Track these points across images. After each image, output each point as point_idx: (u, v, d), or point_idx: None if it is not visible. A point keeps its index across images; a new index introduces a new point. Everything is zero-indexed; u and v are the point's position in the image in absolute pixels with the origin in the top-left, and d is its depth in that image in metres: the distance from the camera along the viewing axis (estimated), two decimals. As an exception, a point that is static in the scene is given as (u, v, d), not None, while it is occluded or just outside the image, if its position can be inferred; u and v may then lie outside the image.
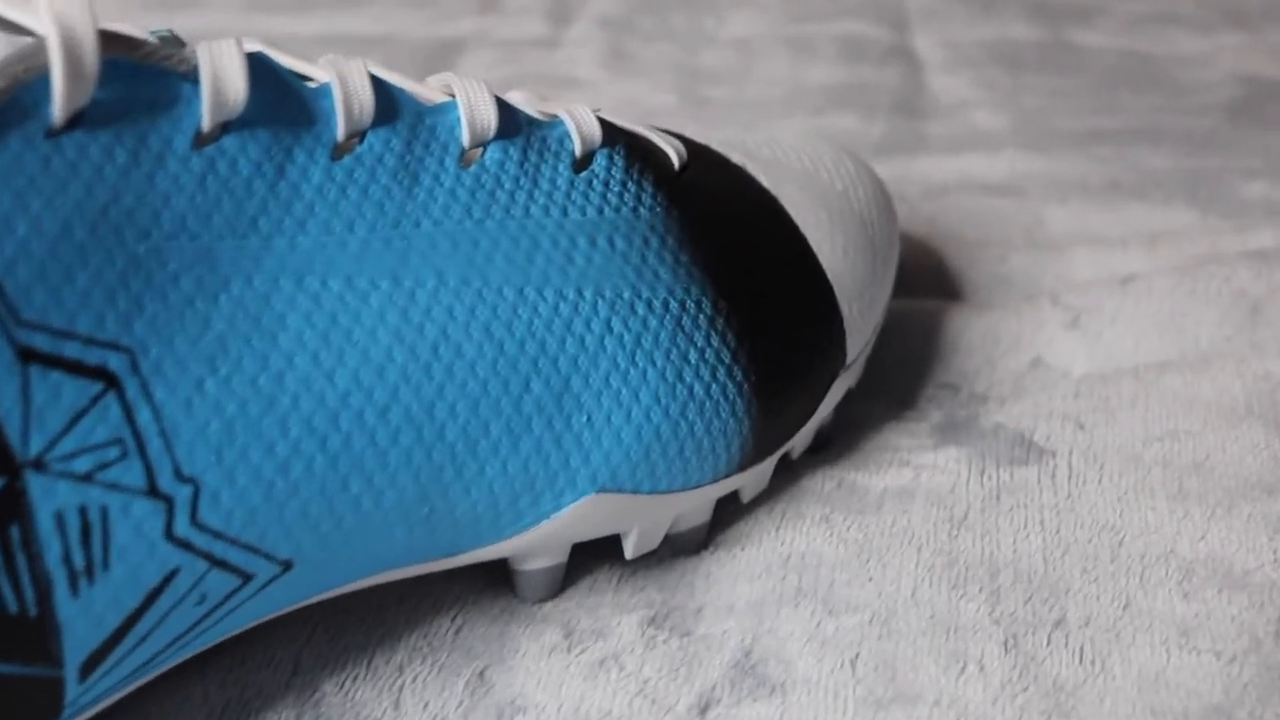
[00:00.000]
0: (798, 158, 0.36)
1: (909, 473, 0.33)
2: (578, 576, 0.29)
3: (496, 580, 0.29)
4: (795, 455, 0.32)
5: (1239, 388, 0.36)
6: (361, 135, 0.25)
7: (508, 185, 0.27)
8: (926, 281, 0.43)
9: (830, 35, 0.68)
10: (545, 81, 0.60)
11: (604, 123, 0.30)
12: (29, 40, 0.21)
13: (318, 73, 0.26)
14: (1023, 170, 0.51)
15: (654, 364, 0.27)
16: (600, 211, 0.28)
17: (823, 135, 0.50)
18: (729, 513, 0.31)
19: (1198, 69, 0.64)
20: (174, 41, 0.26)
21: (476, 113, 0.27)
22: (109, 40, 0.22)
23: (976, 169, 0.51)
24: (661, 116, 0.56)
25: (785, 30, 0.69)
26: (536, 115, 0.30)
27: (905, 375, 0.37)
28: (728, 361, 0.28)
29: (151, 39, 0.25)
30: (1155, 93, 0.60)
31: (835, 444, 0.34)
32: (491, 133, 0.27)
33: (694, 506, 0.30)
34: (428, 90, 0.28)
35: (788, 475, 0.33)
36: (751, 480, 0.31)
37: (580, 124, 0.29)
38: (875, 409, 0.36)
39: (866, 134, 0.54)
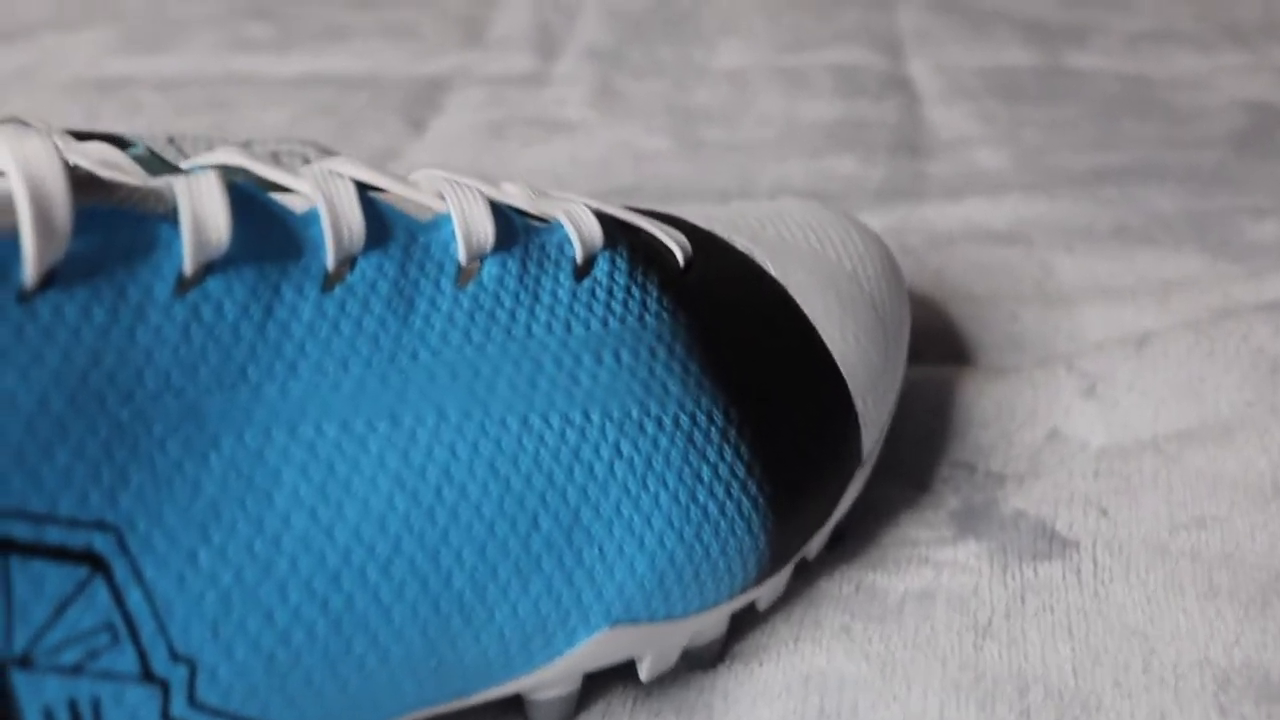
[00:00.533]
0: (804, 235, 0.35)
1: (929, 572, 0.31)
2: (592, 700, 0.28)
3: (509, 707, 0.28)
4: (811, 556, 0.31)
5: (1265, 463, 0.35)
6: (352, 262, 0.24)
7: (507, 303, 0.26)
8: (936, 344, 0.42)
9: (823, 65, 0.67)
10: (535, 124, 0.59)
11: (604, 220, 0.29)
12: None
13: (302, 185, 0.25)
14: (1028, 215, 0.50)
15: (666, 486, 0.26)
16: (604, 323, 0.27)
17: (826, 192, 0.49)
18: (745, 622, 0.30)
19: (1199, 93, 0.63)
20: (152, 161, 0.25)
21: (472, 225, 0.26)
22: (81, 185, 0.21)
23: (981, 215, 0.49)
24: (655, 161, 0.55)
25: (777, 60, 0.68)
26: (532, 215, 0.28)
27: (919, 452, 0.36)
28: (742, 475, 0.27)
29: (127, 161, 0.24)
30: (1156, 121, 0.59)
31: (851, 536, 0.33)
32: (489, 246, 0.26)
33: (709, 624, 0.28)
34: (418, 195, 0.27)
35: (804, 577, 0.31)
36: (768, 590, 0.30)
37: (579, 226, 0.28)
38: (889, 492, 0.34)
39: (866, 178, 0.53)
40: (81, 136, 0.36)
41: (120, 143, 0.38)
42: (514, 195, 0.30)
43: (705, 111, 0.60)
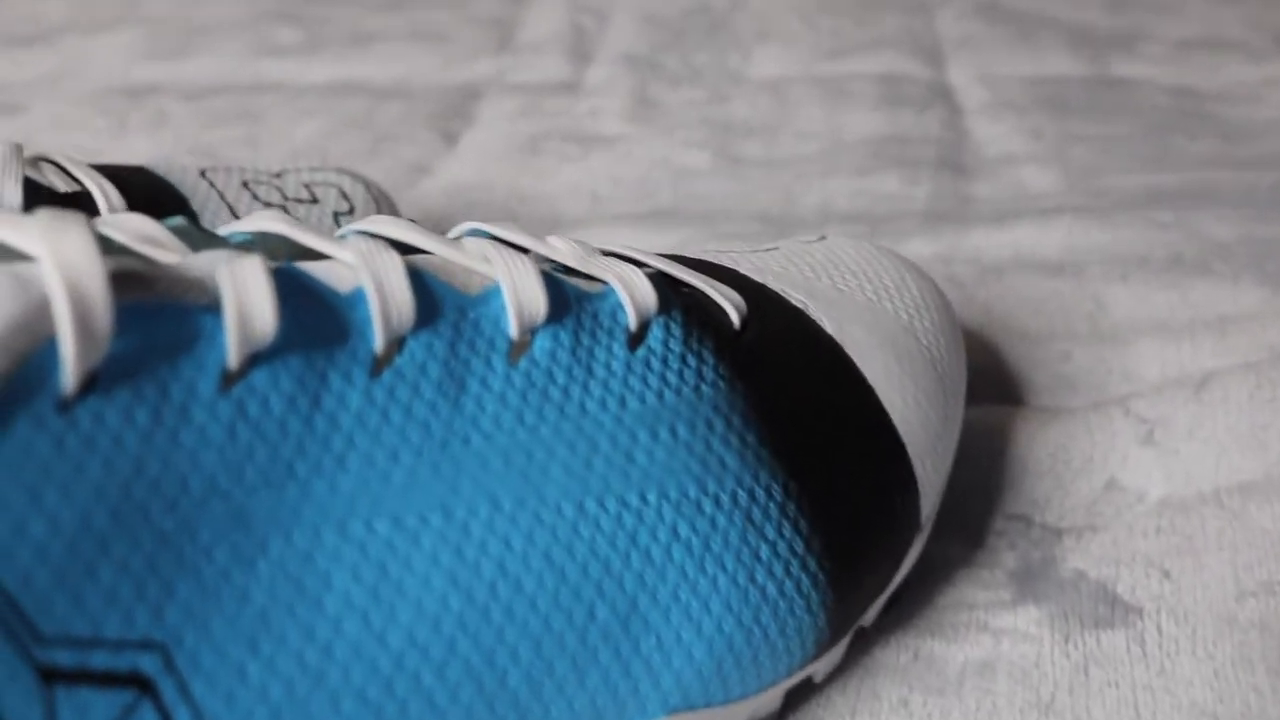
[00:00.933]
0: (859, 285, 0.34)
1: (988, 640, 0.31)
2: (641, 782, 0.27)
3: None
4: (868, 624, 0.30)
5: (1334, 522, 0.34)
6: (400, 342, 0.23)
7: (560, 379, 0.25)
8: (987, 384, 0.41)
9: (864, 74, 0.65)
10: (570, 139, 0.58)
11: (656, 281, 0.28)
12: (31, 299, 0.19)
13: (345, 255, 0.24)
14: (1079, 242, 0.48)
15: (724, 569, 0.25)
16: (660, 396, 0.26)
17: (871, 214, 0.48)
18: (800, 695, 0.29)
19: (1250, 107, 0.62)
20: (191, 232, 0.24)
21: (523, 297, 0.25)
22: (121, 281, 0.20)
23: (1030, 242, 0.48)
24: (694, 180, 0.54)
25: (816, 68, 0.67)
26: (581, 273, 0.27)
27: (973, 504, 0.35)
28: (800, 552, 0.26)
29: (166, 235, 0.23)
30: (1208, 138, 0.58)
31: (907, 598, 0.32)
32: (541, 317, 0.25)
33: (765, 702, 0.28)
34: (466, 259, 0.26)
35: (860, 645, 0.30)
36: (824, 663, 0.29)
37: (632, 290, 0.27)
38: (944, 549, 0.34)
39: (911, 198, 0.52)
40: (115, 173, 0.36)
41: (151, 182, 0.37)
42: (562, 252, 0.29)
43: (744, 125, 0.59)
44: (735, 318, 0.29)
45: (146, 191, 0.37)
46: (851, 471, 0.28)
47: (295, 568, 0.21)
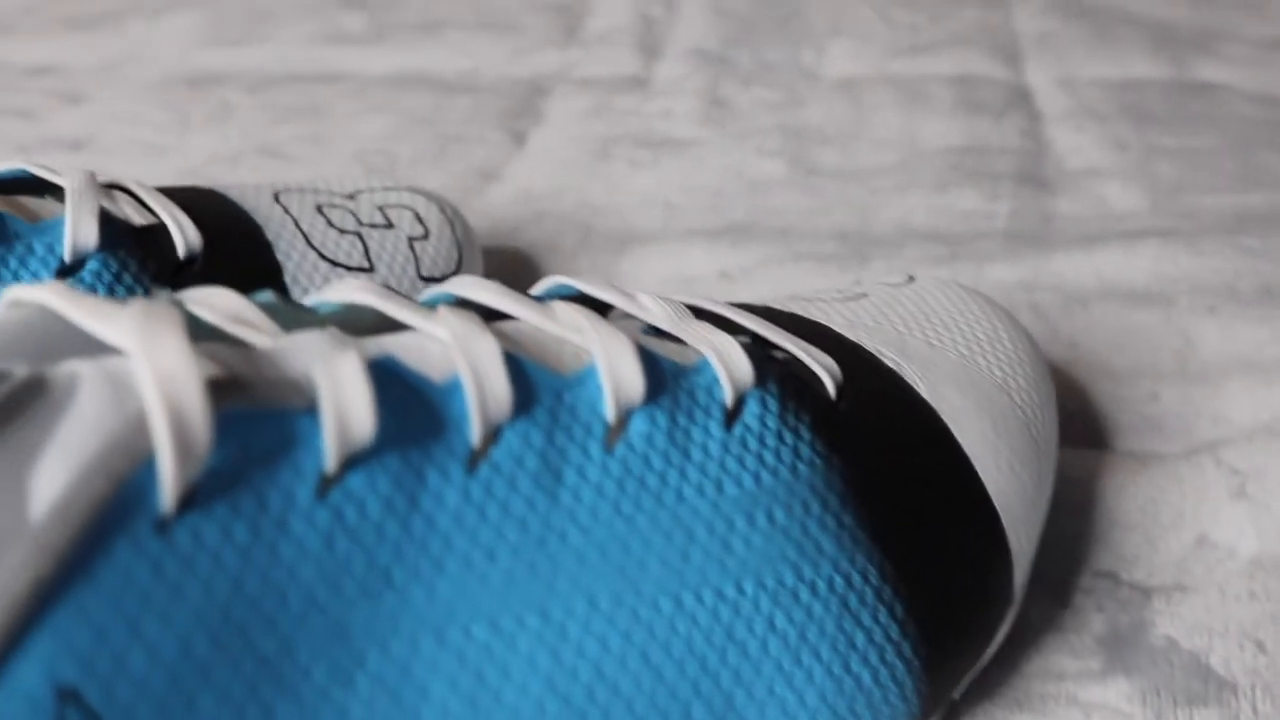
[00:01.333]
0: (951, 339, 0.33)
1: (1078, 715, 0.30)
2: None
3: None
4: (957, 696, 0.30)
5: None
6: (496, 433, 0.22)
7: (657, 464, 0.24)
8: (1072, 426, 0.40)
9: (940, 75, 0.64)
10: (641, 142, 0.57)
11: (751, 352, 0.27)
12: (129, 415, 0.18)
13: (439, 332, 0.23)
14: (1167, 269, 0.47)
15: (819, 659, 0.24)
16: (756, 479, 0.25)
17: (951, 234, 0.47)
18: (885, 773, 0.29)
19: (1341, 119, 0.60)
20: (281, 309, 0.24)
21: (620, 377, 0.24)
22: (219, 389, 0.20)
23: (1115, 268, 0.47)
24: (769, 191, 0.53)
25: (892, 67, 0.65)
26: (673, 340, 0.27)
27: (1059, 559, 0.34)
28: (895, 637, 0.26)
29: (257, 314, 0.22)
30: (1298, 155, 0.56)
31: (994, 664, 0.31)
32: (638, 398, 0.24)
33: (853, 786, 0.27)
34: (558, 327, 0.25)
35: (948, 719, 0.30)
36: (912, 744, 0.28)
37: (728, 363, 0.26)
38: (1031, 609, 0.33)
39: (991, 216, 0.51)
40: (188, 200, 0.35)
41: (225, 210, 0.36)
42: (655, 314, 0.28)
43: (819, 131, 0.58)
44: (831, 386, 0.28)
45: (220, 221, 0.36)
46: (947, 548, 0.28)
47: (393, 680, 0.20)
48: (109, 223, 0.33)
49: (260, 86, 0.64)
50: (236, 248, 0.36)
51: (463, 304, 0.27)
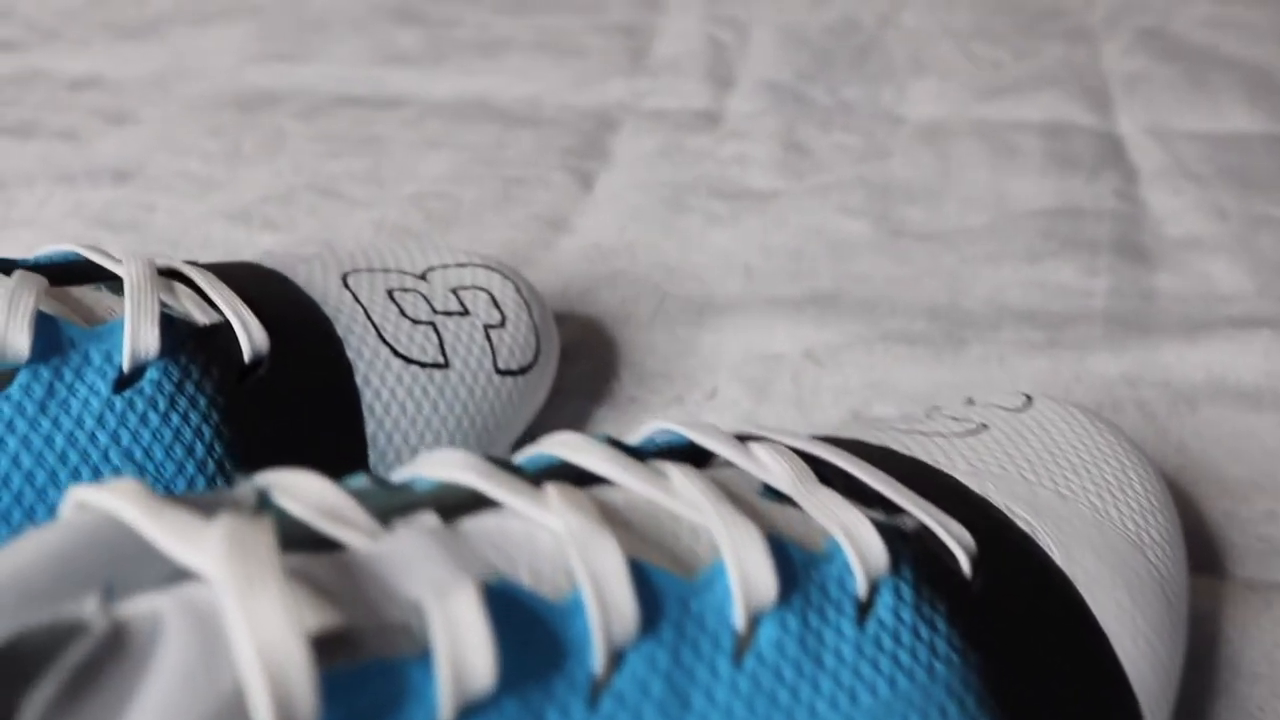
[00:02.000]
0: (1081, 487, 0.31)
1: None
2: None
3: None
4: None
5: None
6: (619, 656, 0.20)
7: (788, 676, 0.22)
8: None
9: (1029, 123, 0.61)
10: (716, 193, 0.54)
11: (884, 529, 0.25)
12: (223, 692, 0.16)
13: (551, 522, 0.21)
14: (1279, 367, 0.45)
15: None
16: (892, 683, 0.23)
17: (1048, 313, 0.44)
18: None
19: None
20: (373, 494, 0.21)
21: (750, 576, 0.22)
22: (322, 647, 0.17)
23: (1225, 362, 0.45)
24: (854, 255, 0.51)
25: (977, 111, 0.63)
26: (799, 518, 0.24)
27: (1183, 712, 0.32)
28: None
29: (350, 506, 0.20)
30: None
31: None
32: (769, 601, 0.22)
33: None
34: (672, 501, 0.23)
35: None
36: None
37: (860, 547, 0.24)
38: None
39: (1089, 294, 0.49)
40: (253, 286, 0.33)
41: (292, 302, 0.34)
42: (775, 473, 0.26)
43: (904, 187, 0.56)
44: (965, 562, 0.26)
45: (287, 315, 0.34)
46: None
47: None
48: (170, 323, 0.31)
49: (313, 111, 0.61)
50: (305, 347, 0.34)
51: (567, 470, 0.25)
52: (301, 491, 0.21)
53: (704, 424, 0.27)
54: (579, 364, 0.45)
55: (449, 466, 0.23)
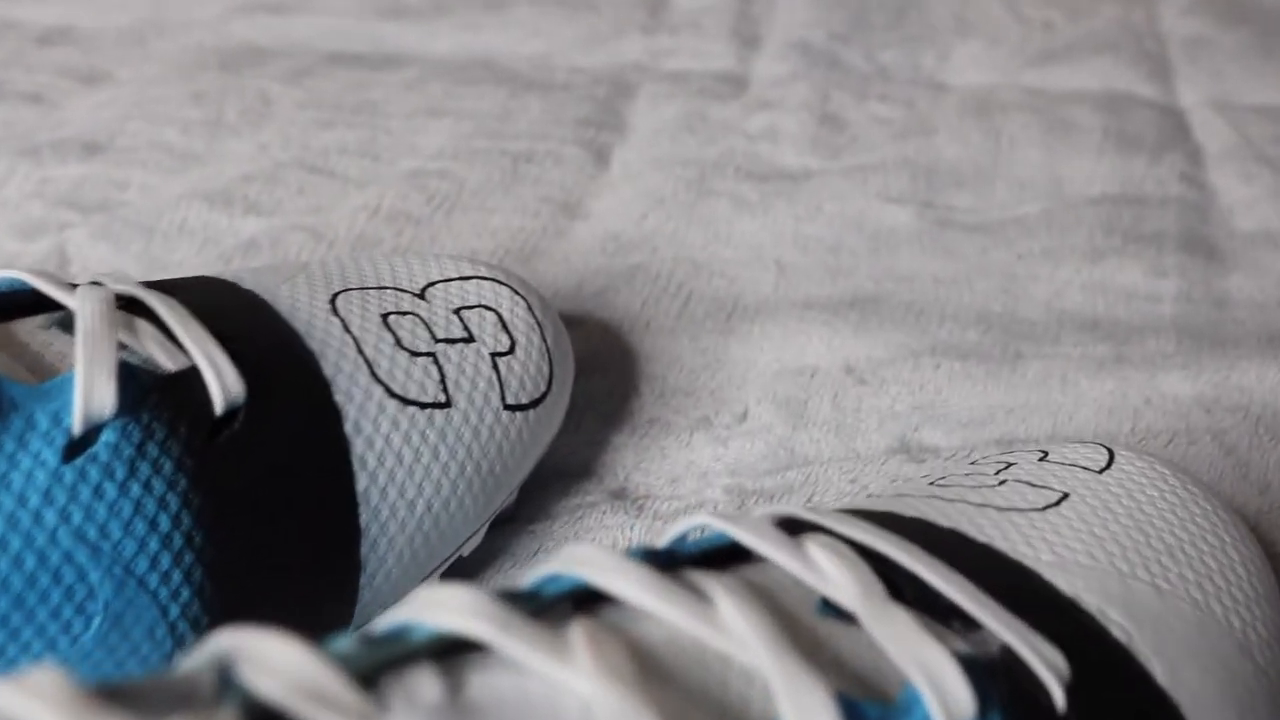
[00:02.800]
0: (1179, 576, 0.27)
1: None
2: None
3: None
4: None
5: None
6: None
7: None
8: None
9: (1084, 93, 0.57)
10: (745, 174, 0.50)
11: (970, 665, 0.21)
12: None
13: (575, 683, 0.18)
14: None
15: None
16: None
17: (1112, 322, 0.40)
18: None
19: None
20: (358, 657, 0.18)
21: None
22: None
23: (1311, 383, 0.41)
24: (896, 251, 0.47)
25: (1027, 78, 0.58)
26: (865, 640, 0.21)
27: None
28: None
29: (336, 683, 0.17)
30: None
31: None
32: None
33: None
34: (719, 638, 0.20)
35: None
36: None
37: (945, 697, 0.21)
38: None
39: (1157, 299, 0.45)
40: (228, 321, 0.29)
41: (273, 339, 0.30)
42: (837, 583, 0.23)
43: (951, 169, 0.52)
44: (1059, 695, 0.22)
45: (266, 354, 0.30)
46: None
47: None
48: (129, 374, 0.27)
49: (303, 72, 0.57)
50: (287, 392, 0.30)
51: (591, 595, 0.21)
52: (273, 663, 0.17)
53: (751, 520, 0.24)
54: (594, 378, 0.41)
55: (452, 611, 0.19)
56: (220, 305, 0.31)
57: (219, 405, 0.28)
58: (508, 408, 0.34)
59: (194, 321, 0.29)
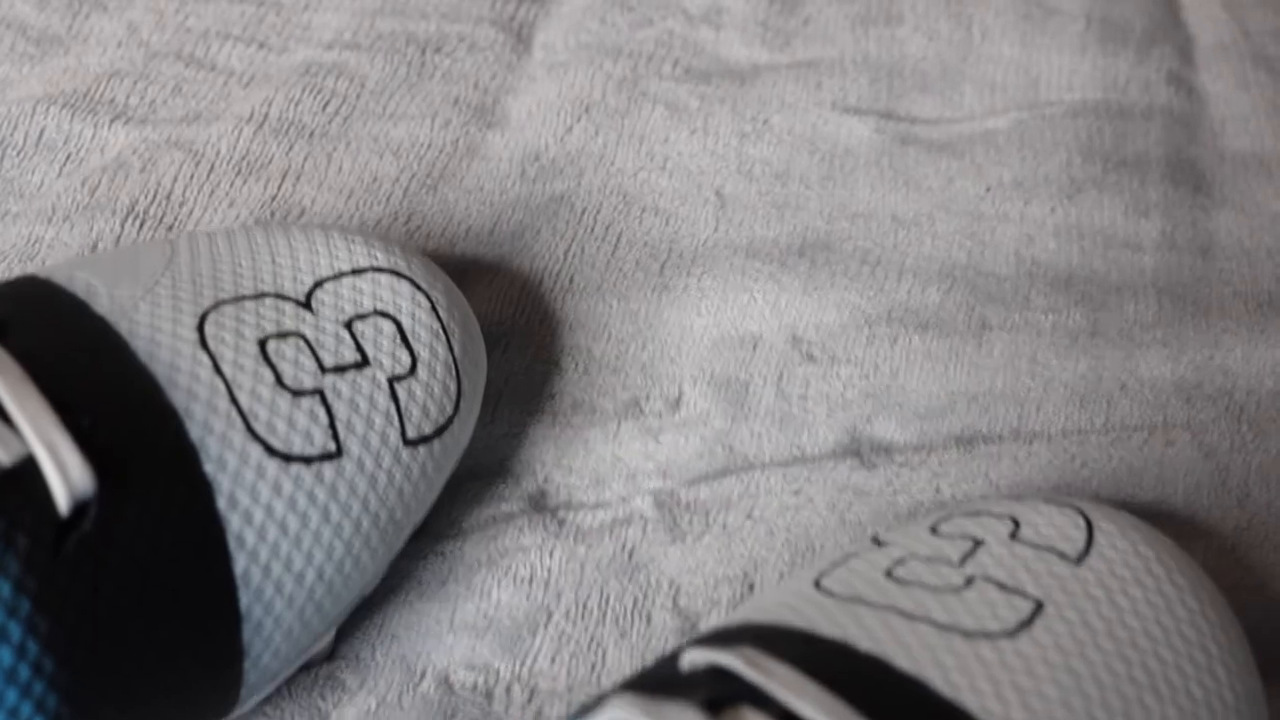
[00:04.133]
0: (1162, 716, 0.25)
1: None
2: None
3: None
4: None
5: None
6: None
7: None
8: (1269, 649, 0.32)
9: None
10: (682, 70, 0.46)
11: None
12: None
13: None
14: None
15: None
16: None
17: (1088, 276, 0.38)
18: None
19: None
20: None
21: None
22: None
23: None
24: (851, 177, 0.43)
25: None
26: None
27: None
28: None
29: None
30: None
31: None
32: None
33: None
34: None
35: None
36: None
37: None
38: None
39: (1139, 245, 0.42)
40: (74, 378, 0.26)
41: (133, 395, 0.27)
42: None
43: (915, 70, 0.48)
44: None
45: (120, 419, 0.27)
46: None
47: None
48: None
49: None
50: (146, 473, 0.27)
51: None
52: None
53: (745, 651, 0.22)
54: (511, 351, 0.38)
55: None
56: (62, 350, 0.28)
57: (63, 503, 0.25)
58: (408, 443, 0.31)
59: (30, 389, 0.26)
